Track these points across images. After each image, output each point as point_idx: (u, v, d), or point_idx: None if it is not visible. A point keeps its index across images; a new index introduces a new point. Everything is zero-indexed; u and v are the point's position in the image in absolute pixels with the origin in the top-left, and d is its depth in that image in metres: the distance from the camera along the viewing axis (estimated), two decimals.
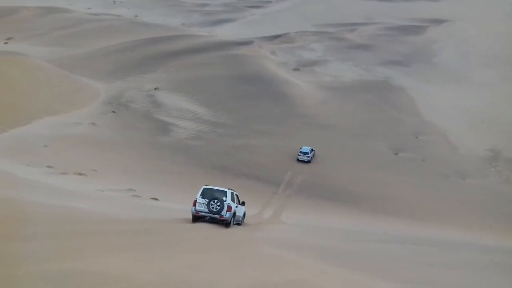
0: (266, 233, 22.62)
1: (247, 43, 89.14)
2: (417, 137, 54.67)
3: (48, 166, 35.03)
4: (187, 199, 34.34)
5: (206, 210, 19.80)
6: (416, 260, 19.22)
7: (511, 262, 22.06)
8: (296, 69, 79.42)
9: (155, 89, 64.95)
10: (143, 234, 16.93)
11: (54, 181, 29.29)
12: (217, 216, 19.77)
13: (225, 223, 20.08)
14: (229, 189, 21.16)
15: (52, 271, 10.01)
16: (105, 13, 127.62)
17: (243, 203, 22.30)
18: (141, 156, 44.61)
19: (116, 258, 11.96)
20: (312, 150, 48.37)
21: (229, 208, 19.94)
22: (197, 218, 20.14)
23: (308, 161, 47.39)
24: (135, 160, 43.38)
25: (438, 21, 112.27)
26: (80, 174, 35.05)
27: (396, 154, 50.68)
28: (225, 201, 19.97)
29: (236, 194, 21.64)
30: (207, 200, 19.87)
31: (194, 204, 20.01)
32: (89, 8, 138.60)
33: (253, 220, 27.04)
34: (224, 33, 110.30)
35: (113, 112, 56.19)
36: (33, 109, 51.53)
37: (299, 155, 47.64)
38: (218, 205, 19.70)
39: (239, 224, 22.19)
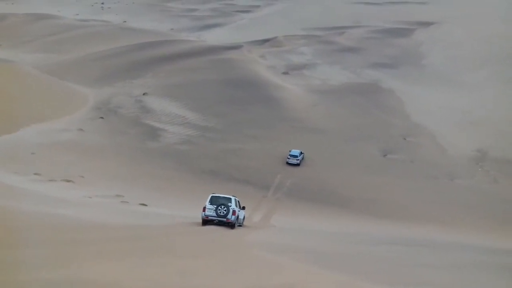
0: (257, 237, 22.61)
1: (236, 47, 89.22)
2: (405, 139, 55.02)
3: (36, 174, 34.69)
4: (176, 205, 34.26)
5: (215, 214, 23.08)
6: (407, 262, 19.31)
7: (500, 262, 22.23)
8: (285, 73, 79.61)
9: (143, 94, 64.70)
10: (133, 241, 16.82)
11: (41, 188, 29.02)
12: (224, 219, 23.02)
13: (231, 225, 23.25)
14: (233, 196, 24.37)
15: (42, 279, 9.90)
16: (93, 19, 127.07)
17: (243, 208, 25.46)
18: (130, 162, 44.36)
19: (107, 266, 11.86)
20: (301, 153, 48.48)
21: (234, 212, 23.24)
22: (206, 221, 23.26)
23: (298, 164, 47.49)
24: (124, 166, 43.12)
25: (426, 24, 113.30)
26: (68, 181, 34.75)
27: (385, 156, 50.95)
28: (230, 206, 23.27)
29: (238, 200, 24.63)
30: (215, 206, 23.10)
31: (204, 210, 23.31)
32: (77, 14, 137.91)
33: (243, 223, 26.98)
34: (213, 38, 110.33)
35: (102, 118, 55.85)
36: (20, 116, 51.07)
37: (288, 158, 47.72)
38: (225, 210, 23.02)
39: (240, 226, 25.02)
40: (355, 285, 13.43)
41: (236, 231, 23.51)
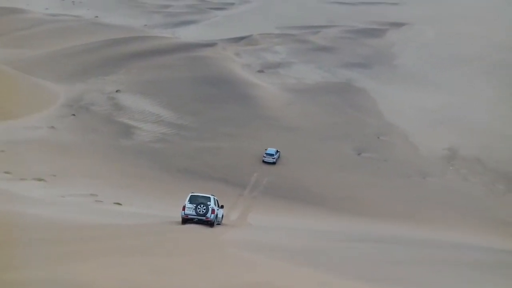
0: (233, 235, 22.57)
1: (210, 45, 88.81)
2: (379, 138, 55.84)
3: (6, 172, 33.74)
4: (151, 204, 33.87)
5: (194, 213, 23.22)
6: (382, 258, 19.59)
7: (472, 257, 22.78)
8: (260, 71, 79.71)
9: (116, 91, 63.71)
10: (107, 240, 16.57)
11: (13, 187, 28.25)
12: (203, 218, 23.21)
13: (210, 224, 23.45)
14: (212, 195, 24.55)
15: (14, 280, 9.65)
16: (64, 14, 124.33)
17: (221, 207, 25.75)
18: (103, 160, 43.62)
19: (81, 266, 11.65)
20: (277, 151, 48.63)
21: (213, 211, 23.50)
22: (186, 220, 23.43)
23: (274, 163, 47.62)
24: (97, 164, 42.36)
25: (398, 24, 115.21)
26: (40, 179, 33.92)
27: (359, 154, 51.62)
28: (210, 205, 23.49)
29: (216, 199, 24.86)
30: (195, 205, 23.28)
31: (184, 209, 23.43)
32: (47, 9, 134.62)
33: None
34: (187, 34, 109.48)
35: (73, 115, 54.75)
36: None
37: (264, 157, 47.80)
38: (204, 209, 23.22)
39: (219, 224, 25.32)
40: (331, 282, 13.54)
41: (212, 229, 23.44)
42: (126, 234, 18.98)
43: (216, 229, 23.94)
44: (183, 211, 23.48)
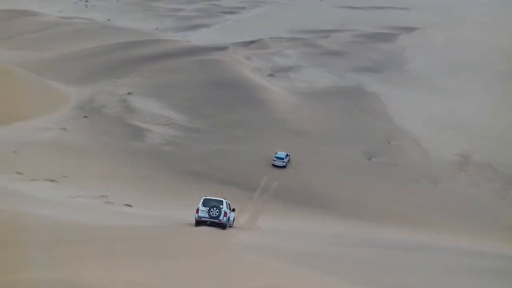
0: (242, 238, 22.58)
1: (221, 48, 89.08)
2: (389, 142, 55.49)
3: (18, 173, 34.08)
4: (161, 206, 34.00)
5: (207, 216, 24.06)
6: (391, 264, 19.48)
7: (479, 265, 22.57)
8: (270, 75, 79.74)
9: (128, 94, 64.13)
10: (117, 242, 16.65)
11: (24, 188, 28.53)
12: (216, 221, 24.01)
13: (222, 226, 24.22)
14: (224, 198, 25.42)
15: (22, 280, 9.74)
16: (77, 17, 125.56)
17: (233, 210, 26.62)
18: (114, 162, 43.88)
19: (88, 267, 11.73)
20: (287, 155, 48.55)
21: (225, 213, 24.32)
22: (199, 222, 24.22)
23: (284, 167, 47.53)
24: (108, 166, 42.61)
25: (409, 29, 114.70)
26: (51, 180, 34.20)
27: (369, 159, 51.33)
28: (222, 208, 24.30)
29: (228, 203, 25.64)
30: (208, 208, 24.11)
31: (197, 212, 24.29)
32: (60, 12, 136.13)
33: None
34: (199, 38, 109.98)
35: (85, 117, 55.18)
36: (1, 114, 50.14)
37: (274, 160, 47.73)
38: (217, 212, 24.02)
39: (230, 227, 26.00)
40: (337, 286, 13.51)
41: (222, 233, 23.51)
42: (135, 236, 19.08)
43: (226, 232, 24.01)
44: (197, 214, 24.30)
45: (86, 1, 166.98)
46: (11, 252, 12.02)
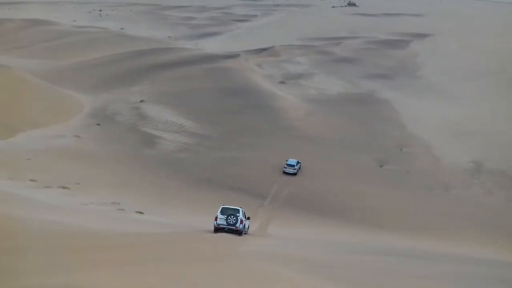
0: (252, 246, 22.59)
1: (233, 56, 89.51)
2: (401, 150, 55.14)
3: (32, 180, 34.51)
4: (173, 213, 34.14)
5: (225, 223, 25.78)
6: (403, 273, 19.32)
7: (494, 273, 22.27)
8: (282, 82, 79.89)
9: (141, 101, 64.69)
10: (128, 249, 16.76)
11: (37, 195, 28.87)
12: (233, 227, 25.76)
13: (239, 233, 25.94)
14: (240, 207, 27.03)
15: (34, 286, 9.84)
16: (90, 26, 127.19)
17: (248, 218, 28.18)
18: (127, 169, 44.19)
19: (100, 273, 11.81)
20: (298, 162, 48.46)
21: (241, 221, 26.08)
22: (218, 229, 25.86)
23: (295, 174, 47.42)
24: (120, 173, 42.94)
25: (421, 36, 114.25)
26: (64, 187, 34.54)
27: (381, 166, 51.03)
28: (239, 216, 26.02)
29: (244, 211, 27.17)
30: (225, 216, 25.85)
31: (216, 219, 26.02)
32: (75, 21, 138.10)
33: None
34: (210, 46, 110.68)
35: (98, 124, 55.73)
36: (16, 121, 50.88)
37: (285, 168, 47.65)
38: (234, 219, 25.81)
39: (245, 233, 27.37)
40: None
41: (233, 239, 23.56)
42: (146, 243, 19.18)
43: (237, 239, 24.18)
44: (216, 221, 26.05)
45: (100, 11, 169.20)
46: (21, 258, 12.17)
